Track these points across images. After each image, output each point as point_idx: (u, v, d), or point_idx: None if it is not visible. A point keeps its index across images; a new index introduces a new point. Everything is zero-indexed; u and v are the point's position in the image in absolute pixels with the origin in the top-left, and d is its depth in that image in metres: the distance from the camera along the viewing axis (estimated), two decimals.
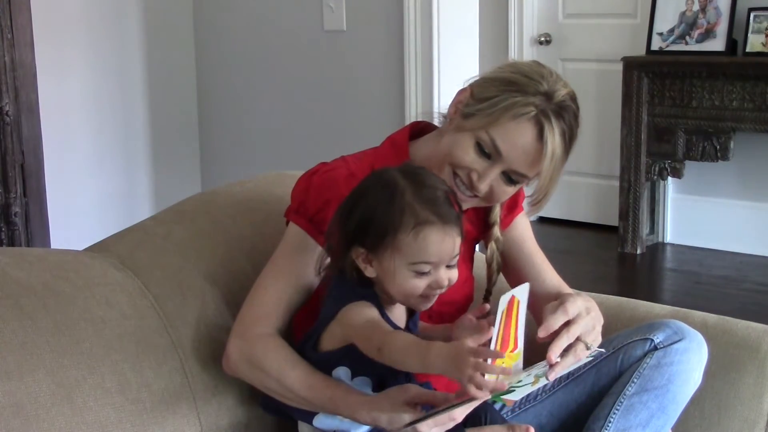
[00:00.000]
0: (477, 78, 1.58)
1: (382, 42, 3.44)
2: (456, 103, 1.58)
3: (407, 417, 1.30)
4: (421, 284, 1.39)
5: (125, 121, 4.04)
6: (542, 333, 1.38)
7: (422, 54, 3.28)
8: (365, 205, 1.40)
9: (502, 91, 1.50)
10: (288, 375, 1.47)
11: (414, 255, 1.36)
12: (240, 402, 1.66)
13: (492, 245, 1.69)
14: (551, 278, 1.71)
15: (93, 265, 1.65)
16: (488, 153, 1.51)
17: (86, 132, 3.91)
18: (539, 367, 1.36)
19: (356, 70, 3.56)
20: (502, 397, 1.43)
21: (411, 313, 1.51)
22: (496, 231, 1.68)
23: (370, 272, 1.41)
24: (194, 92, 4.19)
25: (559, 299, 1.46)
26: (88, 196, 3.93)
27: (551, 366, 1.36)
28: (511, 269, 1.73)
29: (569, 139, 1.51)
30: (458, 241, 1.39)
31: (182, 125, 4.18)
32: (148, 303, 1.63)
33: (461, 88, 1.59)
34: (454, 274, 1.41)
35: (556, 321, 1.40)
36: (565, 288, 1.71)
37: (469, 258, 1.76)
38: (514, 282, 1.75)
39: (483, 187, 1.53)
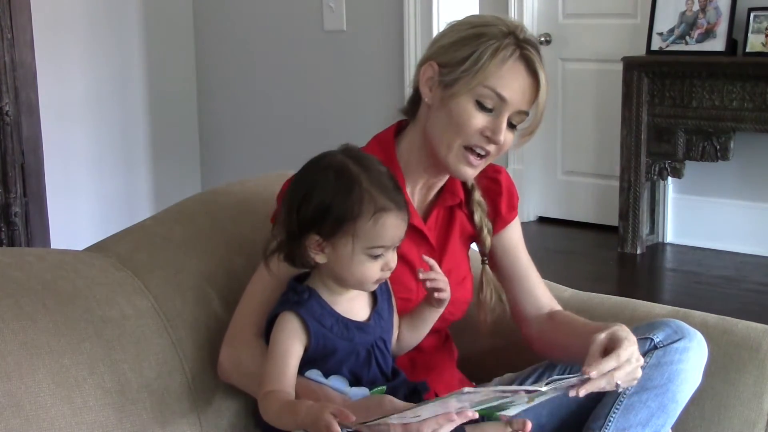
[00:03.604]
0: (431, 51, 1.62)
1: (382, 42, 3.44)
2: (426, 81, 1.60)
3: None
4: (375, 267, 1.43)
5: (125, 121, 4.04)
6: (594, 374, 1.40)
7: (422, 54, 3.28)
8: (321, 193, 1.41)
9: (476, 45, 1.54)
10: None
11: (372, 240, 1.41)
12: (240, 402, 1.66)
13: (478, 208, 1.71)
14: (542, 295, 1.76)
15: (93, 265, 1.65)
16: (490, 107, 1.55)
17: (86, 132, 3.91)
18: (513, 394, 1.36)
19: (356, 70, 3.56)
20: (497, 414, 1.44)
21: (374, 303, 1.52)
22: (477, 195, 1.71)
23: (320, 258, 1.44)
24: (194, 92, 4.19)
25: (609, 333, 1.48)
26: (88, 196, 3.93)
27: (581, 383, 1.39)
28: (506, 281, 1.75)
29: (544, 65, 1.59)
30: (406, 224, 1.45)
31: (182, 125, 4.19)
32: (148, 303, 1.63)
33: (422, 67, 1.61)
34: (396, 255, 1.46)
35: (607, 366, 1.42)
36: (556, 306, 1.75)
37: (466, 255, 1.77)
38: (508, 291, 1.74)
39: (502, 137, 1.57)
